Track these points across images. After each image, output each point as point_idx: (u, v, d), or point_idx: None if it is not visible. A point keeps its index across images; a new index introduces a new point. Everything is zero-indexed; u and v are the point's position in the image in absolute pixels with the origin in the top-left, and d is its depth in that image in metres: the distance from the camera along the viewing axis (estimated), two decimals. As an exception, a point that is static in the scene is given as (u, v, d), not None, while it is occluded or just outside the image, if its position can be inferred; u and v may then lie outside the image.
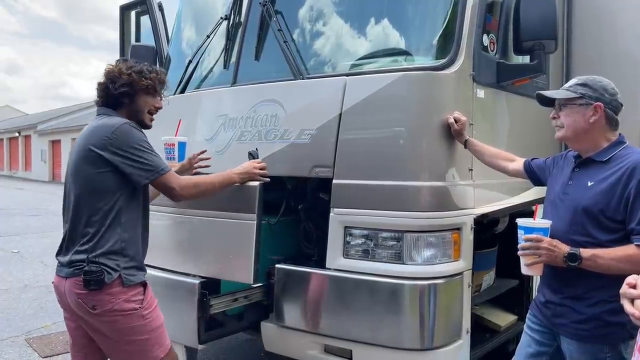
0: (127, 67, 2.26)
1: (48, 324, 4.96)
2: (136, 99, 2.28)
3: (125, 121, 2.19)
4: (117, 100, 2.27)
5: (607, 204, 1.87)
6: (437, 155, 2.66)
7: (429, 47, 2.84)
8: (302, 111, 2.93)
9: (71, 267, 2.12)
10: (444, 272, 2.61)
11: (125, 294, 2.13)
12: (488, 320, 3.36)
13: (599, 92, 1.96)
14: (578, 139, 2.02)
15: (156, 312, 2.26)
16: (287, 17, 3.20)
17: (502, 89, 3.03)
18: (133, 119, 2.28)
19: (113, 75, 2.25)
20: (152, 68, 2.35)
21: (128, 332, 2.14)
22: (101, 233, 2.11)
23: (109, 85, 2.25)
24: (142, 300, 2.18)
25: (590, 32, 3.78)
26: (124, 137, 2.13)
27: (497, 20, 2.99)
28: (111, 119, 2.21)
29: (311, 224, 3.16)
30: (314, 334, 2.81)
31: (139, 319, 2.15)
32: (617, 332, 1.89)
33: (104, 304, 2.09)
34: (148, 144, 2.21)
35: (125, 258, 2.16)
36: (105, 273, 2.08)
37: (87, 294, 2.09)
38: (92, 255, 2.09)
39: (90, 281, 2.06)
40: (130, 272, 2.17)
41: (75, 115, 34.30)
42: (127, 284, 2.14)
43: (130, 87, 2.25)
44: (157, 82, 2.32)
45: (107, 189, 2.14)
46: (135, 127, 2.21)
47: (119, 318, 2.12)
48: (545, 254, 1.90)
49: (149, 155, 2.18)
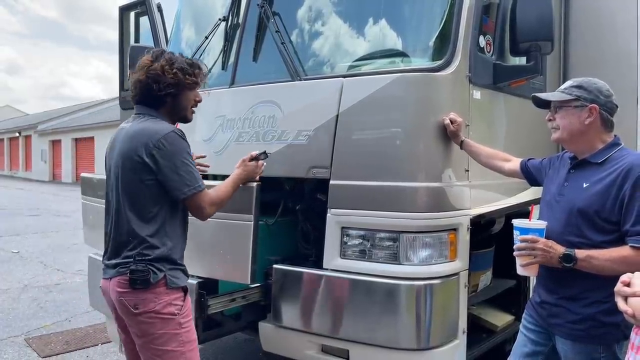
0: (169, 65, 2.14)
1: (47, 324, 4.98)
2: (180, 97, 2.20)
3: (171, 129, 2.11)
4: (160, 100, 2.18)
5: (602, 205, 1.88)
6: (434, 156, 2.67)
7: (426, 49, 2.86)
8: (300, 112, 2.94)
9: (117, 268, 2.12)
10: (440, 273, 2.63)
11: (168, 295, 2.11)
12: (485, 320, 3.37)
13: (594, 94, 1.97)
14: (574, 140, 2.03)
15: (191, 325, 2.21)
16: (284, 19, 3.21)
17: (498, 90, 3.04)
18: (175, 116, 2.24)
19: (155, 74, 2.13)
20: (194, 63, 2.25)
21: (161, 338, 2.09)
22: (148, 240, 2.09)
23: (152, 86, 2.13)
24: (181, 307, 2.15)
25: (588, 33, 3.79)
26: (171, 147, 2.06)
27: (494, 22, 3.00)
28: (156, 122, 2.14)
29: (309, 224, 3.17)
30: (311, 334, 2.82)
31: (175, 326, 2.11)
32: (611, 332, 1.90)
33: (147, 303, 2.07)
34: (190, 156, 2.15)
35: (171, 263, 2.15)
36: (152, 273, 2.07)
37: (131, 292, 2.08)
38: (139, 257, 2.08)
39: (136, 280, 2.06)
40: (175, 274, 2.15)
41: (76, 115, 34.34)
42: (171, 285, 2.11)
43: (176, 88, 2.16)
44: (200, 78, 2.25)
45: (153, 197, 2.10)
46: (181, 136, 2.13)
47: (157, 321, 2.08)
48: (540, 254, 1.92)
49: (190, 170, 2.11)
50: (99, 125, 27.25)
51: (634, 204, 1.82)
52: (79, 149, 30.39)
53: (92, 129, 28.26)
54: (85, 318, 5.14)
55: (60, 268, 7.38)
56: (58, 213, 14.26)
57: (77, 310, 5.37)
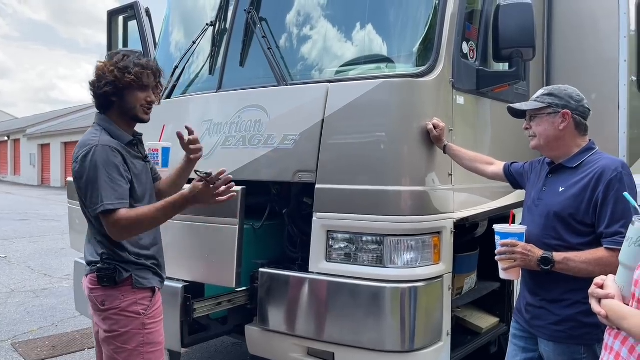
0: (113, 65, 2.12)
1: (34, 328, 4.95)
2: (124, 96, 2.15)
3: (95, 143, 2.05)
4: (105, 100, 2.16)
5: (577, 208, 1.93)
6: (418, 161, 2.71)
7: (410, 55, 2.90)
8: (286, 117, 2.97)
9: (90, 266, 2.17)
10: (424, 275, 2.66)
11: (135, 294, 2.14)
12: (470, 323, 3.41)
13: (565, 100, 2.03)
14: (550, 146, 2.08)
15: (158, 328, 2.23)
16: (271, 25, 3.25)
17: (481, 95, 3.09)
18: (126, 116, 2.20)
19: (98, 74, 2.14)
20: (139, 61, 2.17)
21: (124, 336, 2.12)
22: (113, 242, 2.11)
23: (95, 85, 2.14)
24: (147, 307, 2.17)
25: (570, 39, 3.85)
26: (87, 163, 2.02)
27: (477, 29, 3.05)
28: (91, 134, 2.14)
29: (295, 228, 3.19)
30: (297, 337, 2.84)
31: (138, 326, 2.14)
32: (592, 332, 1.94)
33: (112, 300, 2.12)
34: (115, 170, 2.04)
35: (138, 261, 2.17)
36: (118, 271, 2.12)
37: (99, 289, 2.13)
38: (106, 256, 2.12)
39: (103, 277, 2.11)
40: (142, 273, 2.18)
41: (66, 119, 34.08)
42: (136, 285, 2.15)
43: (113, 86, 2.11)
44: (143, 76, 2.16)
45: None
46: (105, 151, 2.04)
47: (122, 319, 2.12)
48: (520, 258, 1.96)
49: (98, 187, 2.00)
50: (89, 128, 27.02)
51: (607, 206, 1.87)
52: (69, 153, 30.15)
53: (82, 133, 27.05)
54: (72, 323, 5.11)
55: (48, 273, 7.33)
56: (46, 217, 14.15)
57: (64, 316, 5.34)
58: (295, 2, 3.28)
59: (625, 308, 1.35)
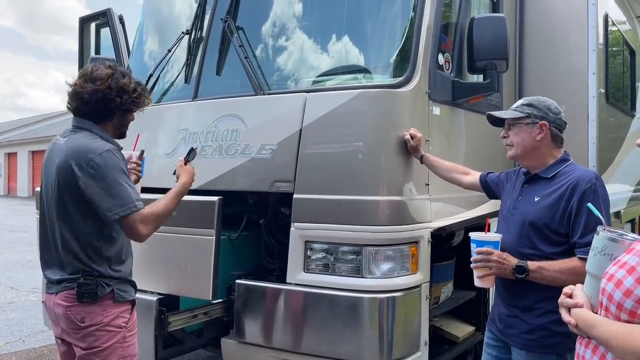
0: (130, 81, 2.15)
1: (1, 344, 4.76)
2: (125, 116, 2.20)
3: (106, 147, 2.05)
4: (111, 114, 2.14)
5: (551, 218, 1.96)
6: (395, 171, 2.72)
7: (387, 66, 2.92)
8: (263, 126, 2.95)
9: (63, 283, 2.08)
10: (402, 285, 2.66)
11: (117, 308, 2.10)
12: (446, 332, 3.42)
13: (544, 112, 2.07)
14: (527, 156, 2.12)
15: (134, 340, 2.20)
16: (248, 34, 3.23)
17: (457, 106, 3.13)
18: (118, 131, 2.22)
19: (121, 87, 2.11)
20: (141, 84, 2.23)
21: (105, 351, 2.07)
22: (93, 254, 2.07)
23: (115, 99, 2.10)
24: (128, 320, 2.15)
25: (542, 51, 3.96)
26: (103, 168, 2.00)
27: (452, 40, 3.10)
28: (92, 139, 2.08)
29: (272, 238, 3.16)
30: (274, 349, 2.80)
31: (119, 340, 2.10)
32: (563, 341, 1.96)
33: (94, 316, 2.05)
34: (125, 173, 2.08)
35: (117, 274, 2.13)
36: (99, 286, 2.06)
37: (78, 306, 2.05)
38: (85, 271, 2.05)
39: (84, 294, 2.03)
40: (122, 287, 2.14)
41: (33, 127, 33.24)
42: (118, 299, 2.11)
43: (134, 105, 2.17)
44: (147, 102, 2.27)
45: (91, 214, 2.04)
46: (115, 154, 2.07)
47: (103, 334, 2.06)
48: (495, 266, 1.98)
49: (124, 189, 2.03)
50: (58, 137, 26.42)
51: (581, 217, 1.90)
52: (36, 162, 29.37)
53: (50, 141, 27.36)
54: (39, 338, 4.94)
55: (14, 286, 7.08)
56: (13, 229, 13.71)
57: (32, 330, 5.16)
58: (272, 11, 3.28)
59: (594, 316, 1.36)
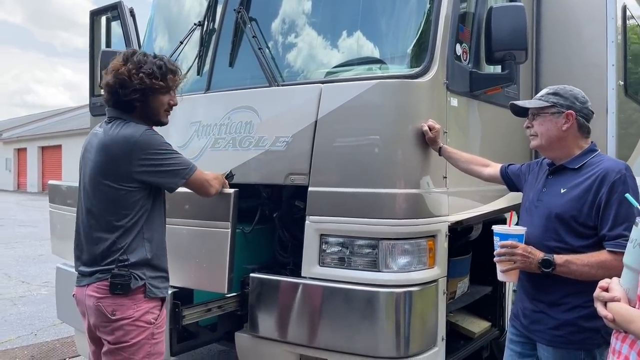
0: (137, 69, 2.07)
1: (12, 337, 4.77)
2: (149, 102, 2.14)
3: (143, 129, 2.07)
4: (129, 105, 2.12)
5: (579, 210, 1.90)
6: (412, 163, 2.67)
7: (404, 56, 2.86)
8: (278, 118, 2.91)
9: (95, 274, 2.07)
10: (419, 280, 2.62)
11: (147, 303, 2.09)
12: (462, 327, 3.38)
13: (570, 101, 2.01)
14: (552, 147, 2.05)
15: (162, 338, 2.18)
16: (261, 24, 3.19)
17: (474, 97, 3.07)
18: (148, 120, 2.18)
19: (122, 79, 2.07)
20: (163, 64, 2.15)
21: (133, 347, 2.06)
22: (126, 247, 2.06)
23: (118, 91, 2.08)
24: (157, 317, 2.13)
25: (558, 43, 3.89)
26: (148, 147, 2.04)
27: (470, 31, 3.03)
28: (127, 126, 2.07)
29: (286, 232, 3.13)
30: (288, 344, 2.76)
31: (148, 337, 2.09)
32: (592, 337, 1.91)
33: (125, 309, 2.04)
34: (168, 145, 2.14)
35: (152, 269, 2.12)
36: (133, 279, 2.05)
37: (110, 298, 2.04)
38: (120, 263, 2.05)
39: (117, 285, 2.02)
40: (155, 282, 2.13)
41: (42, 123, 33.43)
42: (149, 294, 2.10)
43: (141, 93, 2.09)
44: (170, 81, 2.17)
45: (131, 204, 2.06)
46: (154, 133, 2.11)
47: (133, 329, 2.05)
48: (520, 260, 1.92)
49: (175, 158, 2.13)
50: (67, 133, 26.56)
51: (611, 209, 1.84)
52: (46, 158, 29.55)
53: (60, 137, 27.53)
54: (51, 332, 4.95)
55: (26, 280, 7.11)
56: (23, 223, 13.79)
57: (43, 324, 5.17)
58: (286, 1, 3.23)
59: (632, 311, 1.33)
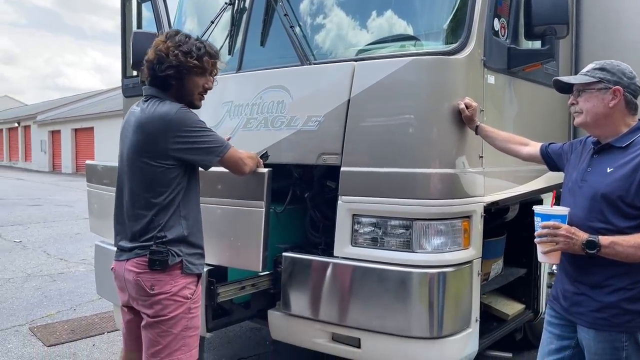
0: (175, 47, 2.10)
1: (52, 312, 4.95)
2: (184, 81, 2.15)
3: (177, 107, 2.09)
4: (165, 82, 2.14)
5: (626, 190, 1.83)
6: (447, 142, 2.62)
7: (439, 32, 2.79)
8: (310, 97, 2.88)
9: (134, 250, 2.13)
10: (453, 261, 2.59)
11: (184, 279, 2.15)
12: (496, 309, 3.34)
13: (618, 76, 1.92)
14: (598, 124, 1.98)
15: (198, 313, 2.24)
16: (292, 2, 3.14)
17: (512, 74, 2.97)
18: (182, 100, 2.18)
19: (160, 55, 2.10)
20: (202, 46, 2.17)
21: (171, 320, 2.12)
22: (164, 223, 2.11)
23: (155, 67, 2.11)
24: (194, 292, 2.19)
25: (599, 19, 3.73)
26: (183, 125, 2.07)
27: (508, 5, 2.93)
28: (163, 104, 2.10)
29: (318, 212, 3.13)
30: (321, 322, 2.78)
31: (185, 311, 2.15)
32: (634, 319, 1.86)
33: (163, 284, 2.10)
34: (203, 123, 2.16)
35: (189, 246, 2.18)
36: (170, 255, 2.10)
37: (148, 273, 2.10)
38: (158, 240, 2.10)
39: (155, 261, 2.08)
40: (192, 259, 2.18)
41: (75, 105, 34.18)
42: (186, 270, 2.15)
43: (176, 70, 2.11)
44: (206, 63, 2.17)
45: (168, 181, 2.10)
46: (188, 111, 2.13)
47: (171, 303, 2.11)
48: (563, 241, 1.87)
49: (210, 136, 2.15)
50: (99, 115, 27.12)
51: None
52: (79, 140, 30.27)
53: (92, 119, 28.13)
54: (90, 307, 5.12)
55: (64, 257, 7.35)
56: (59, 203, 14.22)
57: (82, 299, 5.35)
58: (318, -22, 3.17)
59: None
